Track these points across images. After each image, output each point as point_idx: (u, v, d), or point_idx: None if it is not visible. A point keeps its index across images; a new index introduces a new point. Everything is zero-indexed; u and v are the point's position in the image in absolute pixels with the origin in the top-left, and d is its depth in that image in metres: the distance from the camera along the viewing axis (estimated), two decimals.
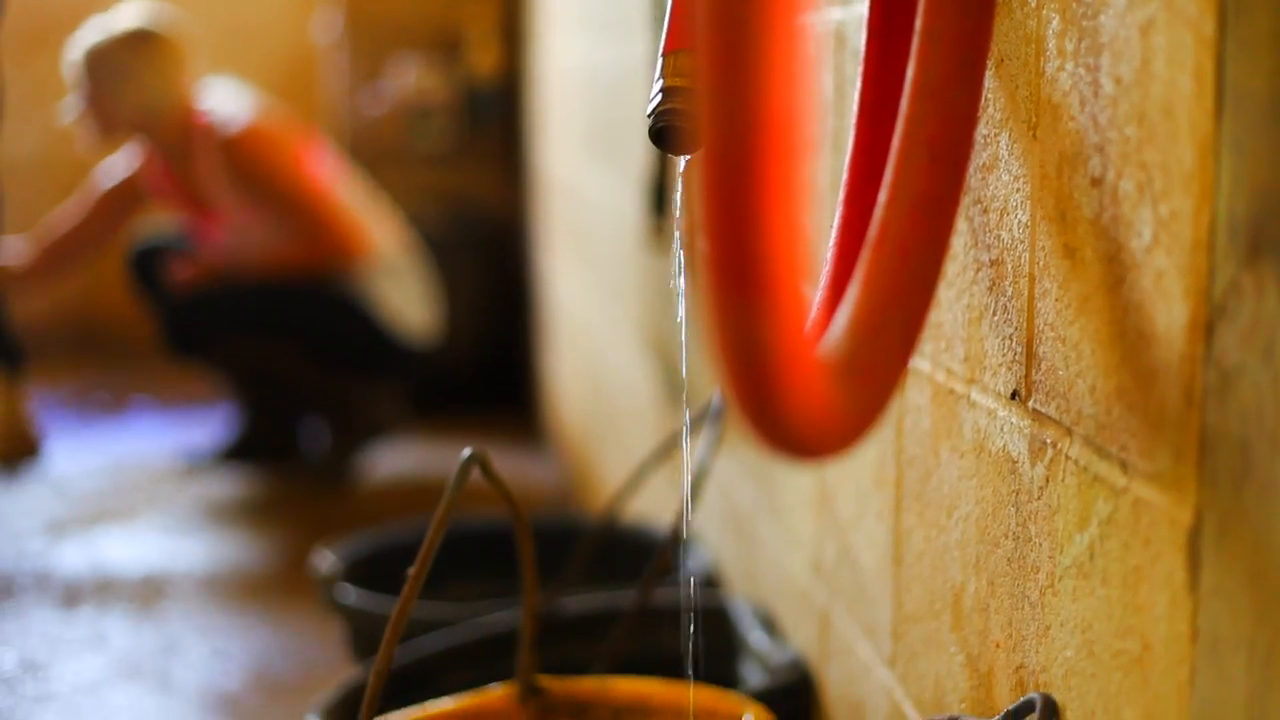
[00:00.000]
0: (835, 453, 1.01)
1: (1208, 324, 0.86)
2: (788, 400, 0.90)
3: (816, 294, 1.21)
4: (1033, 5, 1.13)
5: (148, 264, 4.95)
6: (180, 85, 4.73)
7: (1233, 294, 0.83)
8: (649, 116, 1.20)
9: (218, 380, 5.23)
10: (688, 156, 1.27)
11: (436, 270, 5.24)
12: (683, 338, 1.43)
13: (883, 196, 1.09)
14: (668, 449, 2.37)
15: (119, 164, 4.96)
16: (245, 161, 4.73)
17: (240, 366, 4.95)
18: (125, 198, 4.93)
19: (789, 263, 0.85)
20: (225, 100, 4.91)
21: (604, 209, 3.86)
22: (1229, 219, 0.84)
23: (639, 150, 3.02)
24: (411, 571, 1.38)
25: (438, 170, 6.33)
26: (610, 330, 3.90)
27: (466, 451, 1.45)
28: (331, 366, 4.90)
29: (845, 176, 1.25)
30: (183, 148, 4.75)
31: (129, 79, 4.67)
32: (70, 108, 4.78)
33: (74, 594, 3.91)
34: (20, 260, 4.85)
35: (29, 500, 4.79)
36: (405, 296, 4.88)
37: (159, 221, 5.39)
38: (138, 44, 4.71)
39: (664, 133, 1.20)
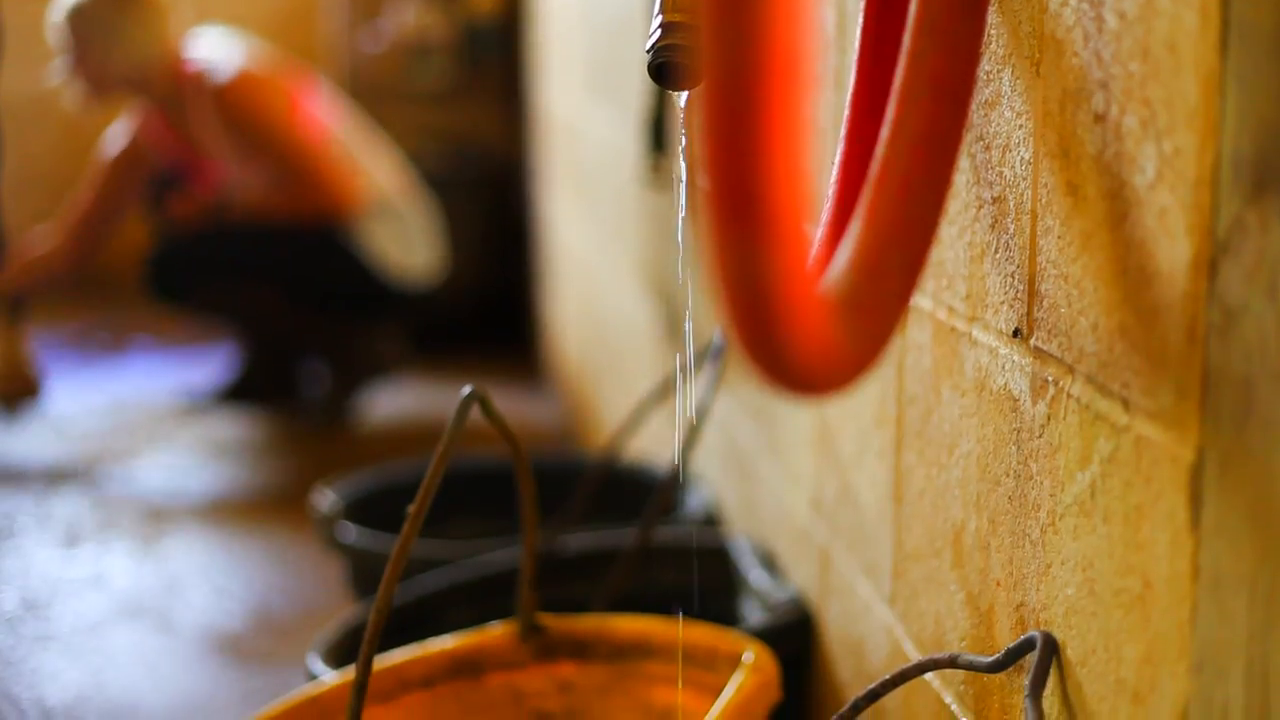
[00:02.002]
0: (836, 389, 1.01)
1: (1211, 261, 0.85)
2: (789, 336, 0.89)
3: (818, 231, 1.20)
4: None
5: (158, 194, 4.93)
6: (167, 37, 4.68)
7: (1236, 231, 0.83)
8: (648, 52, 1.19)
9: (209, 324, 5.22)
10: (688, 93, 1.26)
11: (436, 209, 5.22)
12: (681, 274, 1.43)
13: (885, 133, 1.09)
14: (668, 388, 2.37)
15: (119, 130, 4.93)
16: (237, 110, 4.69)
17: (228, 312, 4.94)
18: (133, 162, 4.89)
19: (790, 199, 0.84)
20: (215, 48, 4.87)
21: (604, 146, 3.84)
22: (1233, 155, 0.83)
23: (639, 87, 3.00)
24: (412, 510, 1.38)
25: (437, 109, 6.31)
26: (610, 268, 3.89)
27: (466, 389, 1.44)
28: (325, 311, 4.89)
29: (847, 113, 1.25)
30: (175, 99, 4.71)
31: (114, 35, 4.61)
32: (58, 69, 4.74)
33: (75, 533, 3.92)
34: (52, 247, 4.83)
35: (30, 440, 4.79)
36: (405, 239, 4.86)
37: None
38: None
39: (664, 69, 1.19)
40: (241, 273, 4.80)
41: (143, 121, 4.82)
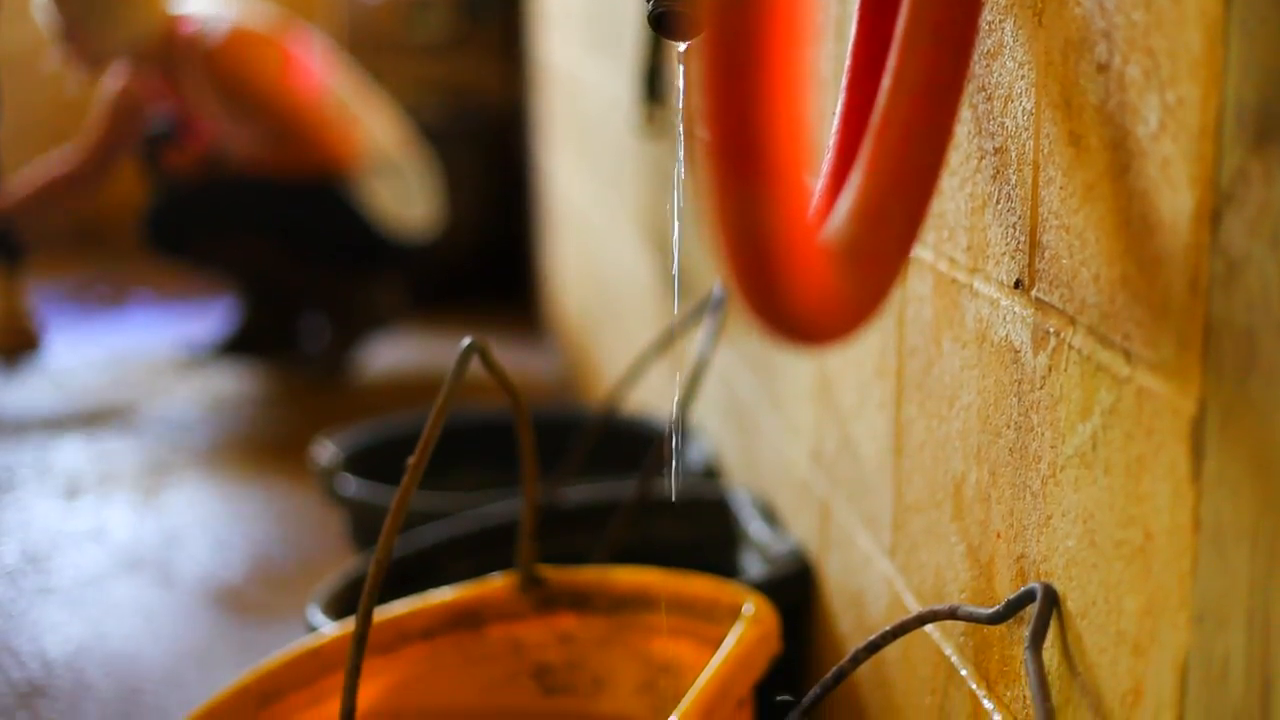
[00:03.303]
0: (837, 339, 1.01)
1: (1214, 211, 0.85)
2: (789, 286, 0.89)
3: (819, 181, 1.20)
4: None
5: (153, 149, 4.92)
6: (158, 5, 4.65)
7: (1240, 181, 0.82)
8: (649, 1, 1.19)
9: (207, 278, 5.22)
10: (688, 42, 1.25)
11: (435, 162, 5.21)
12: (680, 226, 1.42)
13: (886, 83, 1.08)
14: (668, 340, 2.37)
15: (116, 73, 4.90)
16: (228, 75, 4.66)
17: (225, 266, 4.93)
18: (132, 100, 4.86)
19: (791, 149, 0.84)
20: (210, 4, 4.84)
21: (603, 98, 3.83)
22: (1237, 105, 0.83)
23: (637, 38, 2.99)
24: (411, 461, 1.38)
25: (437, 60, 6.29)
26: (610, 220, 3.88)
27: (466, 341, 1.44)
28: (323, 264, 4.88)
29: (848, 63, 1.24)
30: (171, 61, 4.69)
31: (105, 12, 4.59)
32: (54, 54, 4.72)
33: (75, 486, 3.92)
34: (62, 172, 4.82)
35: (29, 393, 4.79)
36: (403, 193, 4.85)
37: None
38: None
39: (664, 18, 1.18)
40: (239, 226, 4.79)
41: (137, 77, 4.78)
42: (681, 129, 1.34)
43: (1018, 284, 1.17)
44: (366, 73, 5.43)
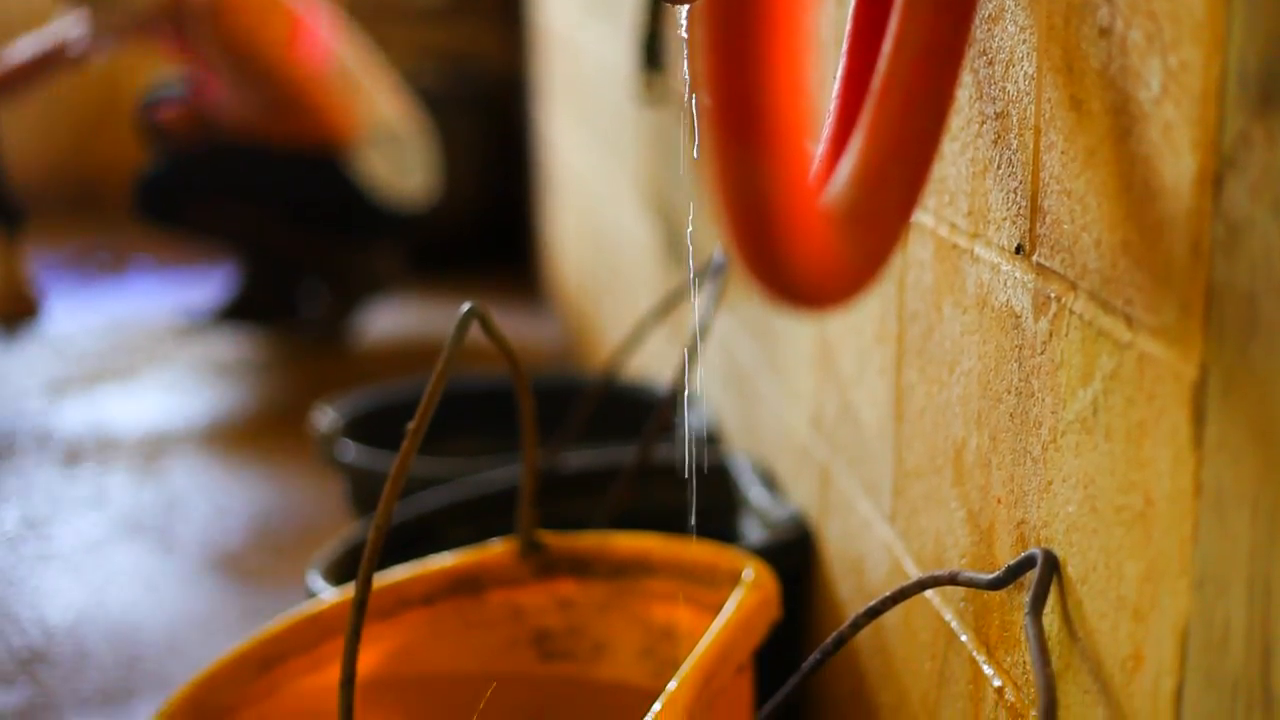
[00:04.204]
0: (837, 303, 1.00)
1: (1216, 176, 0.85)
2: (790, 249, 0.89)
3: (819, 146, 1.19)
4: None
5: (153, 112, 4.91)
6: None
7: (1242, 145, 0.82)
8: None
9: (202, 245, 5.21)
10: (688, 7, 1.24)
11: (435, 128, 5.20)
12: (680, 191, 1.42)
13: (887, 47, 1.08)
14: (668, 306, 2.37)
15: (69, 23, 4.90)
16: (237, 36, 4.64)
17: (220, 233, 4.92)
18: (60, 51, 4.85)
19: (792, 112, 0.83)
20: None
21: (602, 63, 3.82)
22: (1239, 69, 0.82)
23: (636, 3, 2.98)
24: (411, 426, 1.38)
25: (437, 26, 6.27)
26: (609, 186, 3.87)
27: (466, 306, 1.44)
28: (317, 233, 4.87)
29: (849, 27, 1.23)
30: (181, 20, 4.68)
31: None
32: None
33: (75, 453, 3.92)
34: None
35: (29, 360, 4.79)
36: (402, 164, 4.84)
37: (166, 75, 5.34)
38: None
39: None
40: (235, 193, 4.78)
41: (150, 36, 4.77)
42: (682, 95, 1.33)
43: (1019, 249, 1.17)
44: (367, 39, 5.41)
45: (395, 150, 4.82)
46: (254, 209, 4.79)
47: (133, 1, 4.59)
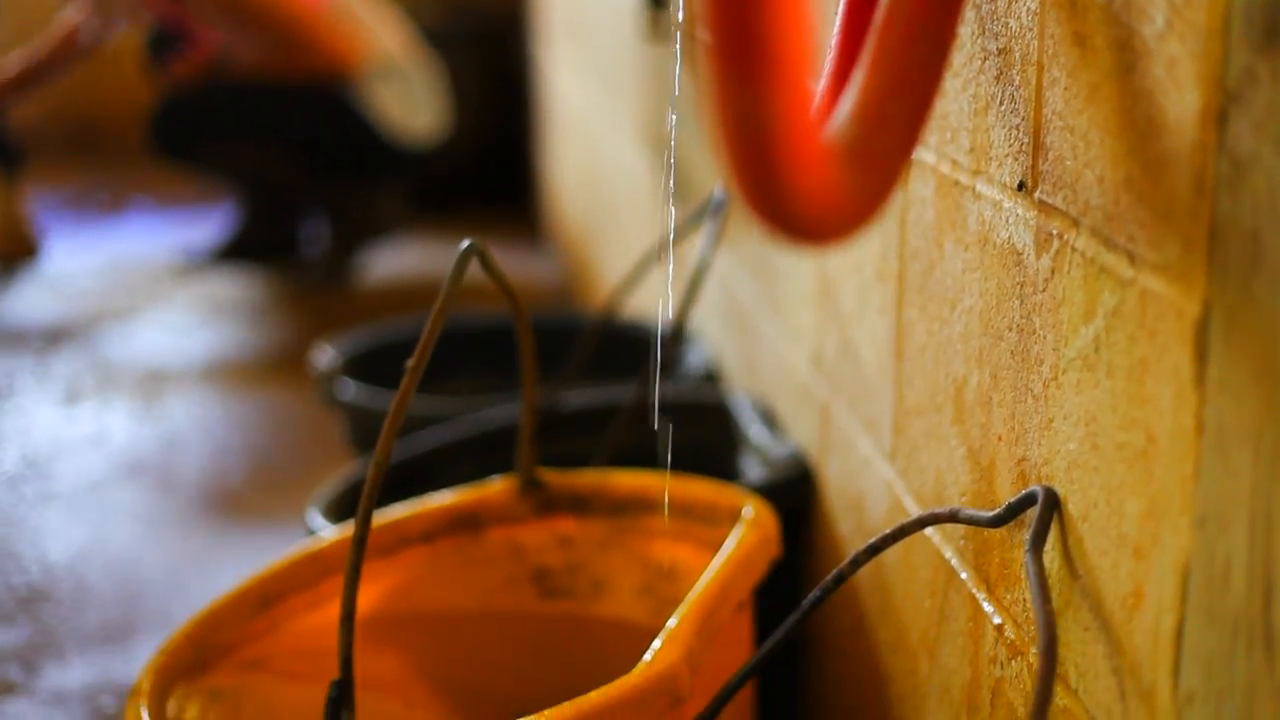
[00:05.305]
0: (838, 238, 1.00)
1: (1220, 112, 0.84)
2: (791, 183, 0.88)
3: (821, 81, 1.19)
4: None
5: (159, 52, 4.89)
6: None
7: (1247, 81, 0.81)
8: None
9: (211, 182, 5.20)
10: None
11: (435, 66, 5.18)
12: (681, 129, 1.41)
13: None
14: (667, 244, 2.36)
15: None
16: None
17: (229, 170, 4.92)
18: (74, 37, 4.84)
19: (793, 46, 0.83)
20: None
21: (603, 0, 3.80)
22: (1245, 4, 0.82)
23: None
24: (410, 364, 1.38)
25: None
26: (610, 124, 3.86)
27: (465, 242, 1.43)
28: (324, 170, 4.86)
29: None
30: None
31: None
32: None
33: (75, 392, 3.92)
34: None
35: (29, 300, 4.79)
36: (407, 99, 4.83)
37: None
38: None
39: None
40: (243, 130, 4.77)
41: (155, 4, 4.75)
42: (683, 30, 1.33)
43: (1021, 186, 1.16)
44: None
45: (402, 86, 4.80)
46: (264, 145, 4.79)
47: None
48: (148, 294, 4.87)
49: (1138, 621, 0.96)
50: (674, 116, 1.41)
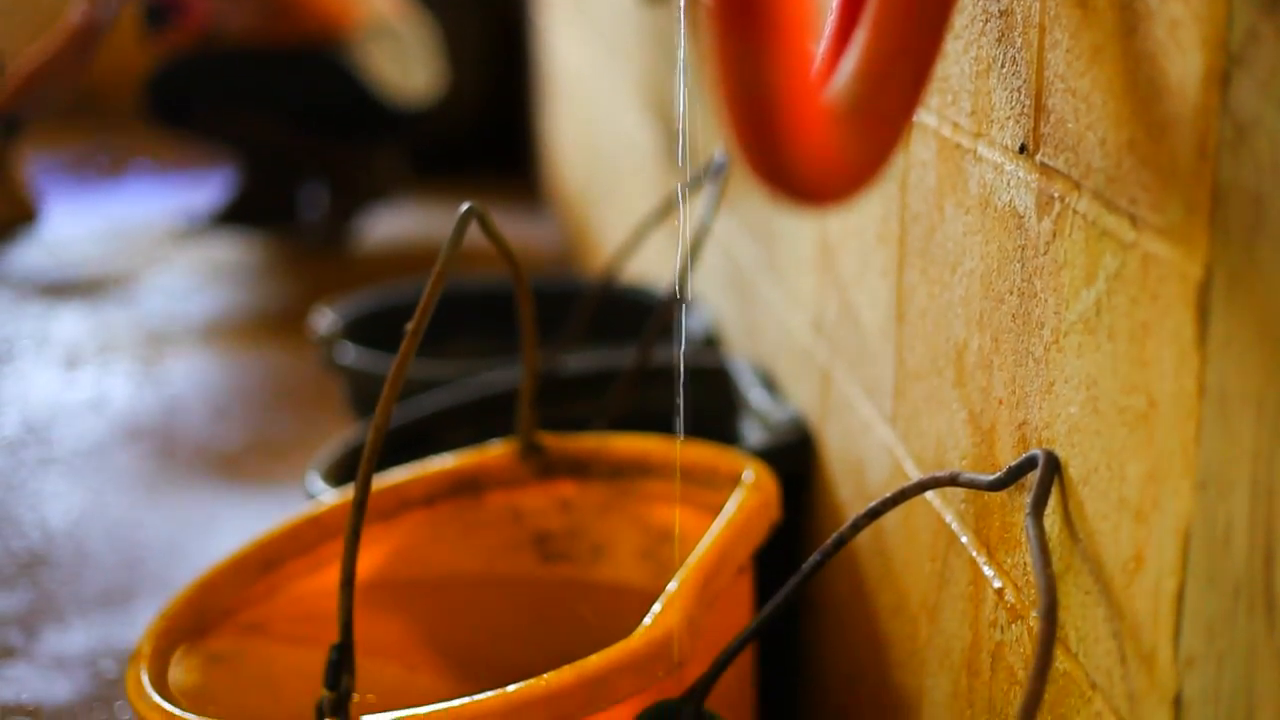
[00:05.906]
0: (839, 199, 1.00)
1: (1224, 74, 0.84)
2: (792, 144, 0.88)
3: (822, 42, 1.18)
4: None
5: (152, 21, 4.88)
6: None
7: (1251, 42, 0.81)
8: None
9: (209, 147, 5.19)
10: None
11: (433, 27, 5.16)
12: (682, 91, 1.41)
13: None
14: (668, 208, 2.36)
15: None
16: None
17: (225, 136, 4.91)
18: (88, 33, 4.81)
19: (794, 7, 0.82)
20: None
21: None
22: None
23: None
24: (410, 327, 1.37)
25: None
26: (610, 87, 3.85)
27: (465, 205, 1.43)
28: (321, 133, 4.85)
29: None
30: None
31: None
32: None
33: (74, 357, 3.92)
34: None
35: (28, 264, 4.78)
36: (402, 59, 4.81)
37: None
38: None
39: None
40: (240, 95, 4.77)
41: None
42: None
43: (1022, 148, 1.16)
44: None
45: (396, 46, 4.79)
46: (261, 110, 4.78)
47: None
48: (147, 258, 4.86)
49: (1138, 585, 0.96)
50: (683, 83, 1.41)
